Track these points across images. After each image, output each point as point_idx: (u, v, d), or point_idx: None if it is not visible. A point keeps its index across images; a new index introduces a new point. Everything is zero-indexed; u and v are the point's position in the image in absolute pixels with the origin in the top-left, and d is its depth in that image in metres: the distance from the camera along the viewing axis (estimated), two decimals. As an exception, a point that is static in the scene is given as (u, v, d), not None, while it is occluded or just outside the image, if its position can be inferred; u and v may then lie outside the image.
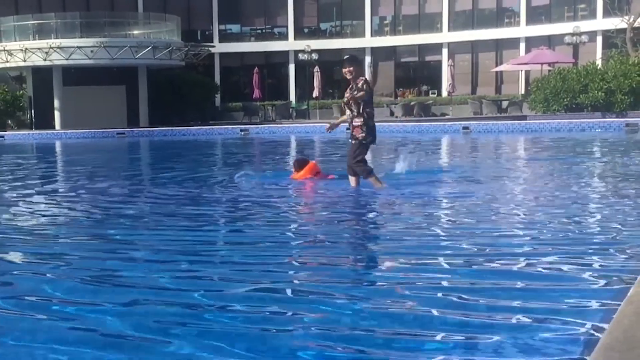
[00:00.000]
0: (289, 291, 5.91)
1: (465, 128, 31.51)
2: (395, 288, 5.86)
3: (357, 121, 11.79)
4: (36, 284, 6.36)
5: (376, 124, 12.26)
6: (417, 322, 5.00)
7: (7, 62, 40.25)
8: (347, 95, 11.87)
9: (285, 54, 50.42)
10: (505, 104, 43.89)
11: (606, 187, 12.08)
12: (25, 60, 39.67)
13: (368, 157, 12.40)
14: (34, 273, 6.91)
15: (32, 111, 41.58)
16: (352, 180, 12.08)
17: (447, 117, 43.12)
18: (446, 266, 6.57)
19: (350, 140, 12.02)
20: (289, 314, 5.27)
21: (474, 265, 6.55)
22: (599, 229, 8.33)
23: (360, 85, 11.64)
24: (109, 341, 4.76)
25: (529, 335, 4.59)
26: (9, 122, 41.72)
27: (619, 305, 4.05)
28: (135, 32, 42.92)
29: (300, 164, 13.95)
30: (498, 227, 8.61)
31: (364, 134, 11.77)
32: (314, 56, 46.34)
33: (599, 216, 9.27)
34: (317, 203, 11.66)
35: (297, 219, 10.09)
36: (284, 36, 51.35)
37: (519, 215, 9.54)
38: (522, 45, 46.57)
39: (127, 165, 21.50)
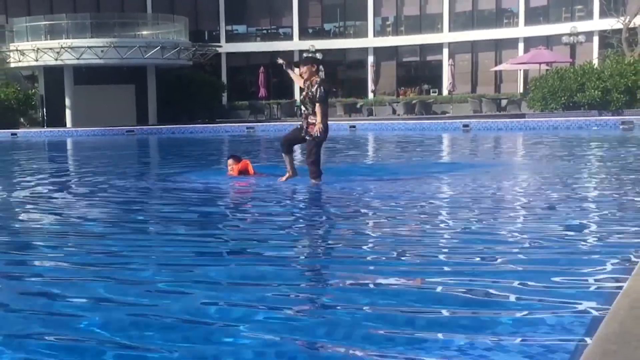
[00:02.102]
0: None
1: (465, 126, 31.48)
2: (390, 284, 5.85)
3: (313, 119, 11.88)
4: None
5: (376, 122, 12.39)
6: (414, 320, 4.98)
7: (20, 61, 40.31)
8: (303, 92, 12.03)
9: (290, 53, 50.32)
10: (504, 102, 43.96)
11: (600, 183, 12.05)
12: (37, 60, 39.72)
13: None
14: None
15: (44, 109, 41.64)
16: (315, 180, 12.18)
17: (447, 115, 43.12)
18: (440, 261, 6.56)
19: (305, 137, 12.07)
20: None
21: (470, 259, 6.52)
22: (594, 222, 8.29)
23: (314, 89, 11.78)
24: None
25: (526, 328, 4.56)
26: (22, 120, 41.75)
27: (615, 298, 4.02)
28: (144, 32, 42.93)
29: (235, 160, 13.85)
30: (494, 223, 8.57)
31: (318, 132, 11.85)
32: (318, 56, 46.28)
33: (593, 210, 9.24)
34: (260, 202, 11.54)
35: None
36: (288, 36, 51.30)
37: (514, 209, 9.51)
38: (521, 45, 46.49)
39: (95, 163, 21.25)
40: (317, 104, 11.76)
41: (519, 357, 4.10)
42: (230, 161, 13.82)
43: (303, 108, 12.16)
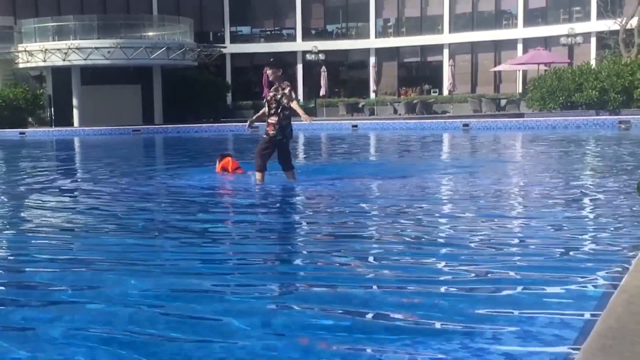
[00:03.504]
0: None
1: (465, 125, 31.44)
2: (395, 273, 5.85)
3: (272, 119, 12.15)
4: None
5: (378, 121, 12.48)
6: (419, 308, 4.99)
7: (28, 62, 40.33)
8: (270, 94, 12.24)
9: (293, 54, 50.31)
10: (503, 102, 43.91)
11: (597, 181, 12.04)
12: (45, 61, 39.73)
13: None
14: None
15: (52, 109, 41.63)
16: (257, 175, 12.38)
17: (448, 115, 43.08)
18: (442, 253, 6.57)
19: (263, 135, 12.38)
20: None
21: (472, 253, 6.53)
22: (591, 219, 8.30)
23: (287, 91, 12.02)
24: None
25: (526, 323, 4.57)
26: (30, 119, 41.76)
27: (612, 294, 4.02)
28: (150, 33, 42.92)
29: (219, 158, 14.47)
30: (495, 219, 8.57)
31: (274, 132, 12.13)
32: (321, 56, 46.30)
33: (590, 208, 9.25)
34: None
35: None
36: (292, 37, 51.27)
37: (513, 205, 9.51)
38: (520, 46, 46.44)
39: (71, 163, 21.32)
40: (293, 102, 11.99)
41: (518, 351, 4.11)
42: (217, 160, 14.47)
43: (265, 108, 12.26)
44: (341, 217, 9.08)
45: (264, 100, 12.42)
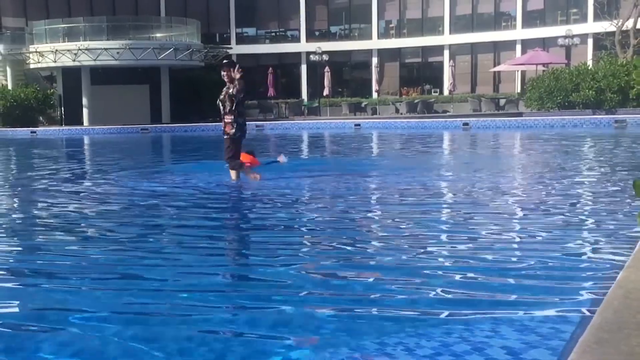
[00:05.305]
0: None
1: (465, 124, 31.42)
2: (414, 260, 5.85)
3: (228, 118, 12.07)
4: None
5: (380, 120, 12.37)
6: (421, 301, 4.99)
7: (39, 62, 40.33)
8: (222, 93, 12.17)
9: (297, 55, 50.35)
10: (502, 101, 43.93)
11: (593, 178, 12.03)
12: (55, 61, 39.73)
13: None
14: None
15: (62, 108, 41.66)
16: (232, 174, 12.36)
17: (448, 114, 43.08)
18: (445, 248, 6.57)
19: (223, 136, 12.26)
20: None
21: (470, 249, 6.53)
22: (587, 216, 8.29)
23: (232, 90, 11.98)
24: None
25: (524, 316, 4.57)
26: (41, 118, 41.78)
27: (609, 288, 4.02)
28: (158, 34, 42.91)
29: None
30: (491, 215, 8.57)
31: (234, 130, 12.04)
32: (325, 57, 46.28)
33: (587, 203, 9.24)
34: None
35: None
36: (296, 38, 51.26)
37: (509, 202, 9.51)
38: (518, 47, 46.41)
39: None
40: (228, 111, 11.94)
41: (516, 344, 4.11)
42: None
43: (220, 107, 12.18)
44: (338, 214, 9.09)
45: (218, 101, 12.31)
